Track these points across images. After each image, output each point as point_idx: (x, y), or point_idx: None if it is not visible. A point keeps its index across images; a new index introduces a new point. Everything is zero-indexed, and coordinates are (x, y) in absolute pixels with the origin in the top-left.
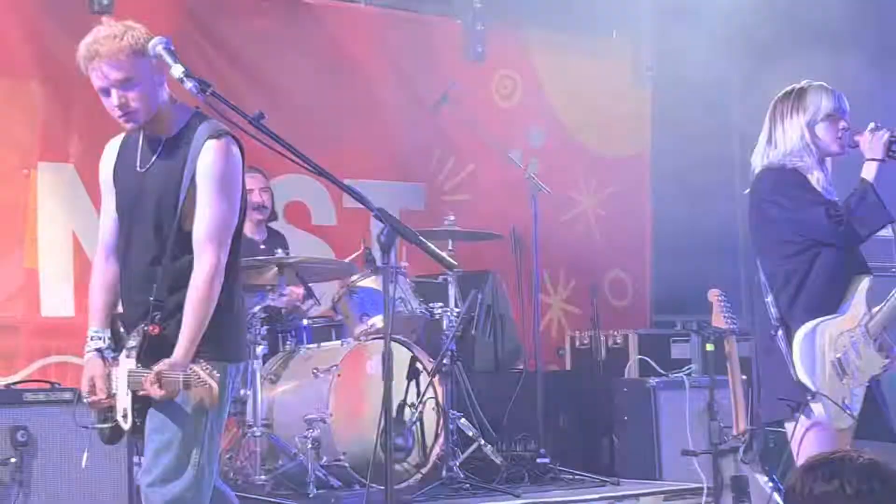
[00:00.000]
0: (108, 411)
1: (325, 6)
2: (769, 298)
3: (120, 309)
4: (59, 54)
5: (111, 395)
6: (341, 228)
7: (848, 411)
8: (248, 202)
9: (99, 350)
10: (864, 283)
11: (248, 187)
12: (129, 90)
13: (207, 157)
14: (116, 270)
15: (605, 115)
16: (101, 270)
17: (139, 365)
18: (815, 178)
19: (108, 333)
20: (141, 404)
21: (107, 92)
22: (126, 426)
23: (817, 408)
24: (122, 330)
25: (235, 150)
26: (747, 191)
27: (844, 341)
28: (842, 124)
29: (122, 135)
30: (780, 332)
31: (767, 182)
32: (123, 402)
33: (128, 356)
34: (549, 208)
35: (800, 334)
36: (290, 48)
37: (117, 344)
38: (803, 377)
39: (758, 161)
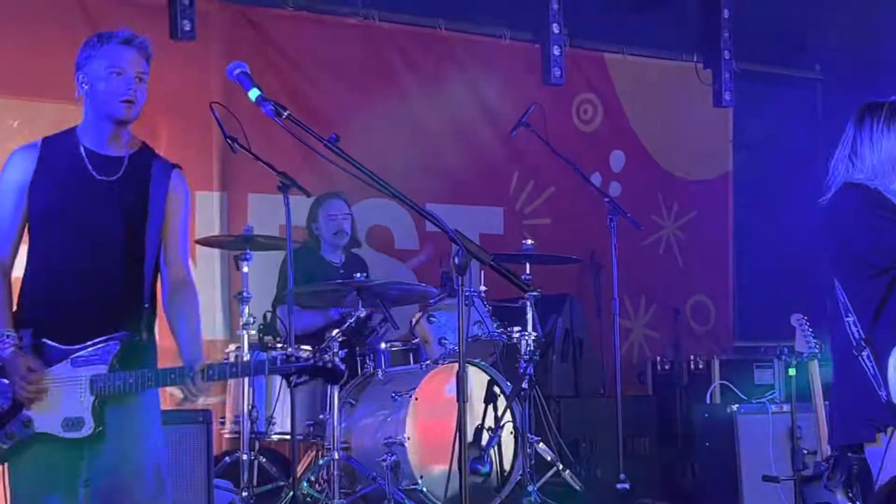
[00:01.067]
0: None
1: (403, 31)
2: (850, 318)
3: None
4: None
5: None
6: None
7: None
8: (330, 227)
9: (19, 345)
10: None
11: (330, 213)
12: (141, 85)
13: (180, 185)
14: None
15: (686, 138)
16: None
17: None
18: None
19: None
20: (100, 410)
21: (121, 73)
22: (85, 433)
23: None
24: (43, 335)
25: None
26: (823, 200)
27: None
28: None
29: (30, 147)
30: (864, 353)
31: (849, 201)
32: (75, 409)
33: (90, 362)
34: (629, 232)
35: None
36: (368, 73)
37: (38, 350)
38: None
39: (840, 171)
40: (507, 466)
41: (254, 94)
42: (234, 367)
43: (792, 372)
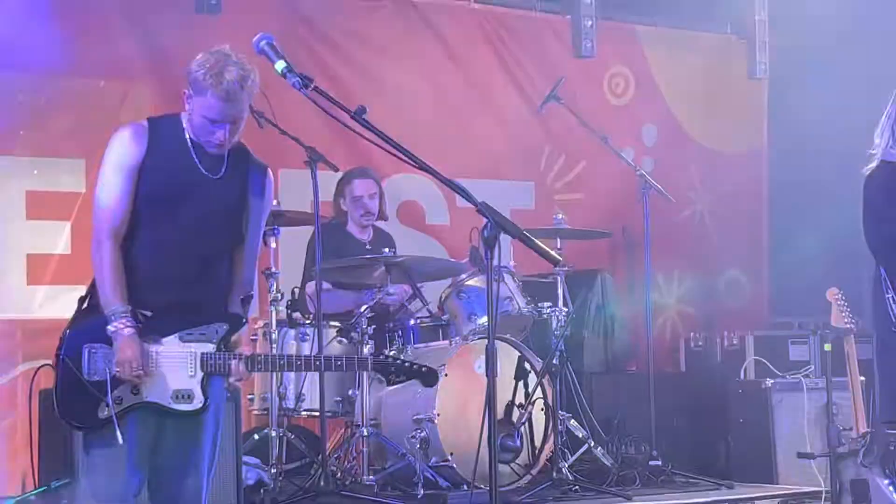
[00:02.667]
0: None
1: (434, 4)
2: (889, 295)
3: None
4: (166, 53)
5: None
6: (455, 228)
7: None
8: (357, 209)
9: (135, 328)
10: None
11: (358, 193)
12: (236, 129)
13: (270, 188)
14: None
15: (720, 112)
16: (115, 252)
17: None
18: None
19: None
20: (206, 385)
21: (217, 124)
22: (195, 406)
23: None
24: (149, 313)
25: None
26: (865, 169)
27: None
28: None
29: (142, 124)
30: None
31: (884, 178)
32: (184, 382)
33: (202, 341)
34: (662, 207)
35: None
36: (398, 47)
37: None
38: None
39: (881, 145)
40: (537, 443)
41: (280, 65)
42: (282, 359)
43: (828, 347)
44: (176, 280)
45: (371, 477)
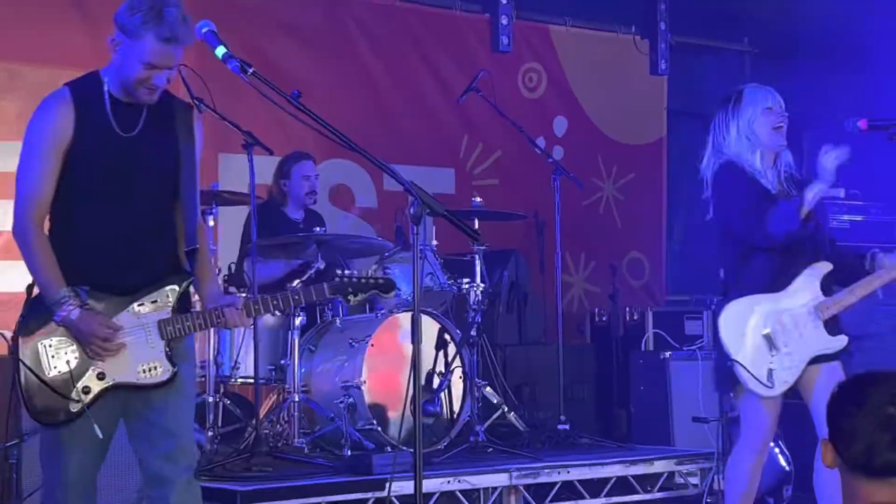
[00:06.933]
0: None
1: (360, 3)
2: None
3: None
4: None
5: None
6: (382, 210)
7: (763, 382)
8: (303, 187)
9: (85, 306)
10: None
11: (305, 174)
12: (171, 74)
13: (200, 129)
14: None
15: (624, 106)
16: (41, 237)
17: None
18: None
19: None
20: (170, 353)
21: (157, 70)
22: (163, 378)
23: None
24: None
25: None
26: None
27: (784, 319)
28: None
29: (63, 92)
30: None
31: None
32: (147, 355)
33: (155, 309)
34: (571, 192)
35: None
36: (327, 40)
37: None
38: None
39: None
40: (456, 408)
41: (220, 51)
42: (275, 299)
43: None
44: (114, 253)
45: (301, 440)
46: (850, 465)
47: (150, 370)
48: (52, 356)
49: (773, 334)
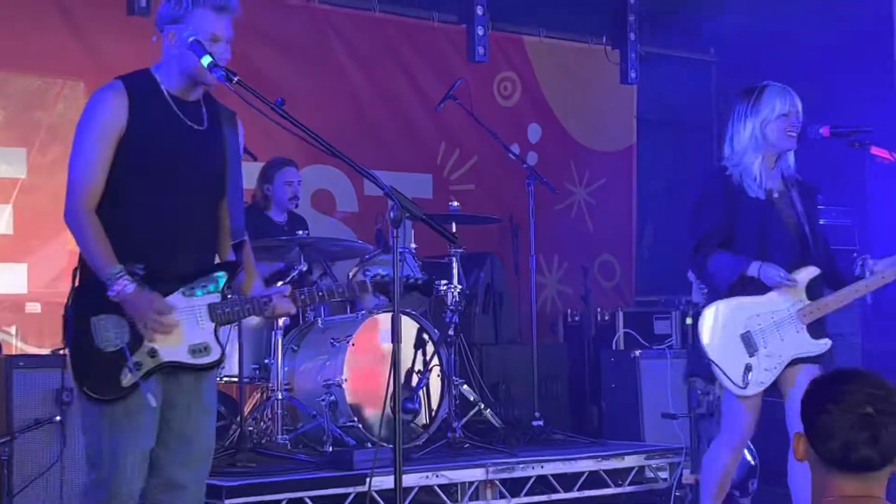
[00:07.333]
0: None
1: (340, 13)
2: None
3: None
4: (100, 52)
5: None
6: (362, 214)
7: (737, 382)
8: (286, 193)
9: (137, 282)
10: (801, 271)
11: (287, 180)
12: (227, 55)
13: (242, 133)
14: None
15: (596, 113)
16: (94, 220)
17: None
18: None
19: None
20: (218, 335)
21: (217, 41)
22: (214, 357)
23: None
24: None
25: None
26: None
27: (764, 321)
28: None
29: (115, 83)
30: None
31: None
32: (198, 336)
33: (205, 293)
34: (545, 197)
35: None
36: (308, 49)
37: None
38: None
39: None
40: (434, 406)
41: (206, 60)
42: (320, 291)
43: (689, 321)
44: (170, 240)
45: (284, 436)
46: (825, 459)
47: (201, 350)
48: (106, 331)
49: (752, 335)
